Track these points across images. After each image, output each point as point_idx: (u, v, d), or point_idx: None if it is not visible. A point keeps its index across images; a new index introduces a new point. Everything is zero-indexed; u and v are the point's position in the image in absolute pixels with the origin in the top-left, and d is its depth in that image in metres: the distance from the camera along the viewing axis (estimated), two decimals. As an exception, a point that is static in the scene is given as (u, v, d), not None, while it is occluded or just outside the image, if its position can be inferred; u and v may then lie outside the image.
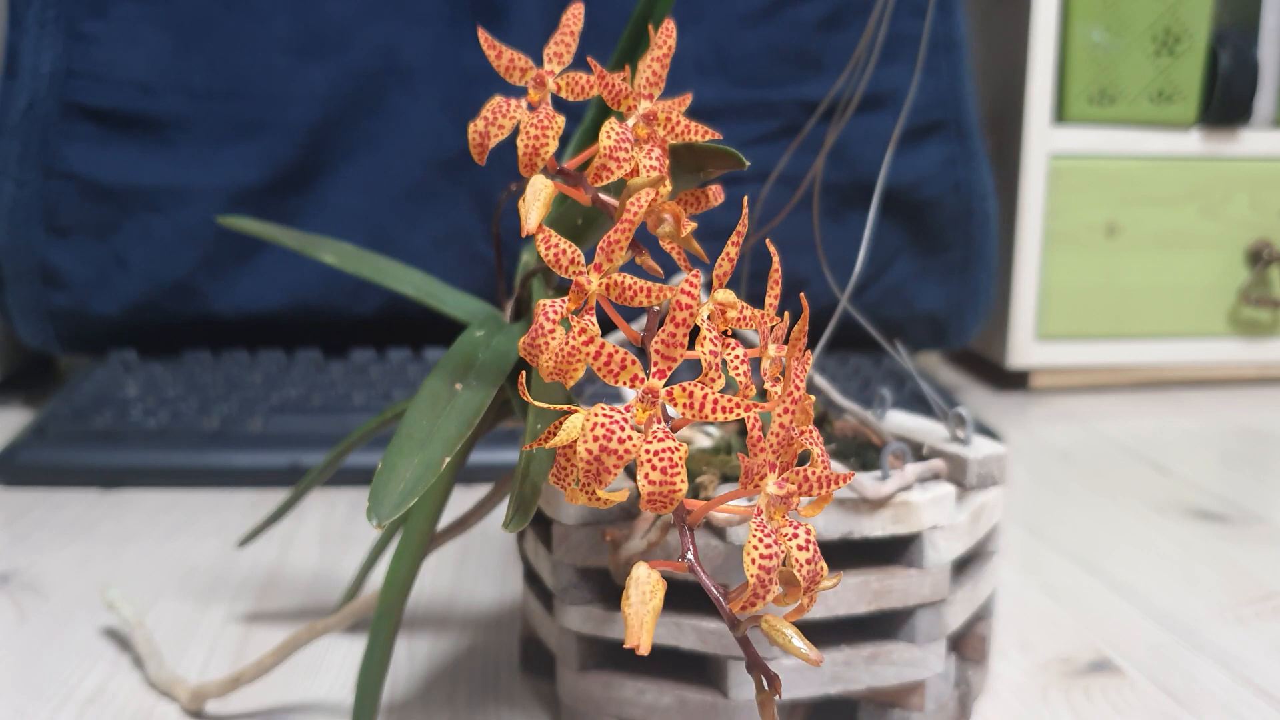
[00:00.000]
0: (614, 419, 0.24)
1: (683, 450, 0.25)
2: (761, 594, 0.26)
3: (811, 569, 0.27)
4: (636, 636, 0.25)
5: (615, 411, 0.25)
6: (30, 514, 0.67)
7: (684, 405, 0.25)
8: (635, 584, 0.26)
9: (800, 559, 0.26)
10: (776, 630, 0.27)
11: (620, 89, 0.32)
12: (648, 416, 0.25)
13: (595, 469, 0.24)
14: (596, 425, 0.24)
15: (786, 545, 0.26)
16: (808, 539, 0.26)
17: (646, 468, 0.25)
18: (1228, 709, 0.44)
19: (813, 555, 0.26)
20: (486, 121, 0.33)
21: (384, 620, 0.37)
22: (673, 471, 0.25)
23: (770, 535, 0.26)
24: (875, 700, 0.40)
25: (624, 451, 0.24)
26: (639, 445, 0.25)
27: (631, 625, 0.25)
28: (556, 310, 0.30)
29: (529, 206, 0.32)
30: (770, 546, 0.26)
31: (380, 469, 0.33)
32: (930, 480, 0.40)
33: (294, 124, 0.88)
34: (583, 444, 0.24)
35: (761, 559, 0.26)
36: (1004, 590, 0.54)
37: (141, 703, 0.44)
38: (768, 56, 0.91)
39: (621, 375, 0.25)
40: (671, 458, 0.25)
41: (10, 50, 0.87)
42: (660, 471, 0.25)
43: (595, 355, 0.25)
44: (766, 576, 0.26)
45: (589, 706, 0.40)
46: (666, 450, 0.25)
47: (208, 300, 0.89)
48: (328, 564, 0.59)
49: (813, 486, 0.26)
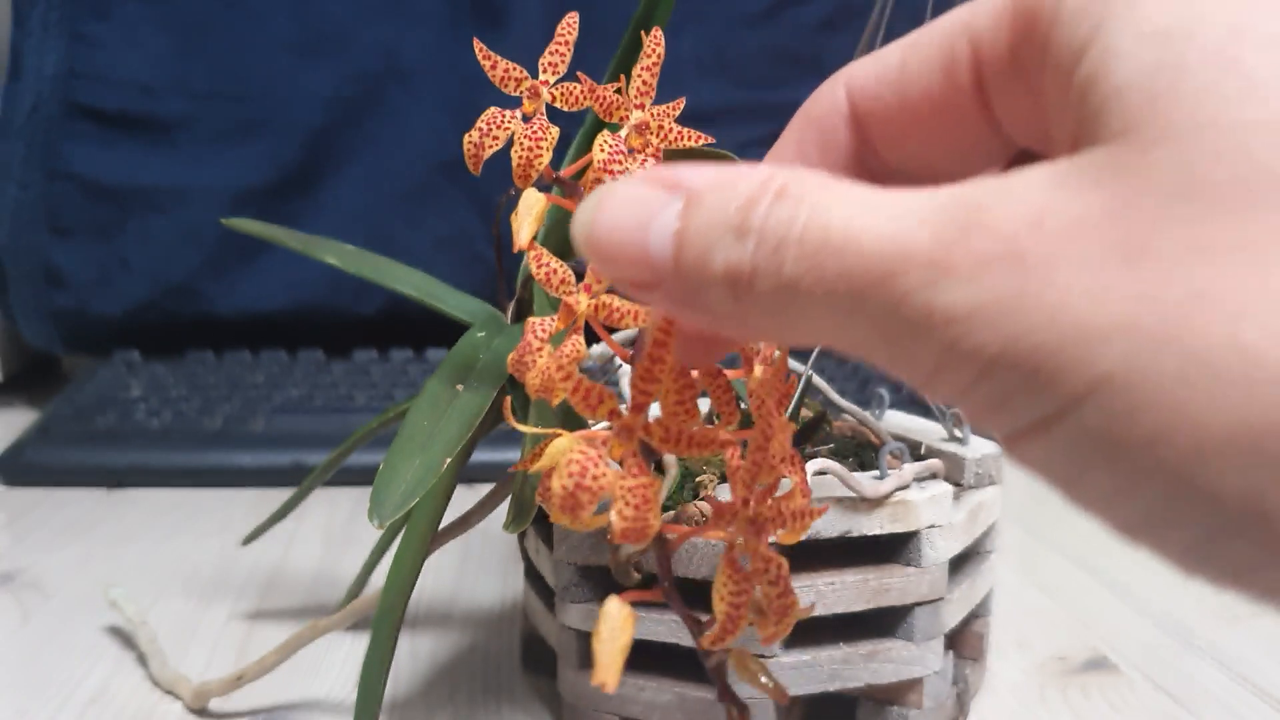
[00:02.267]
0: (588, 456, 0.24)
1: (656, 486, 0.25)
2: (731, 630, 0.26)
3: (782, 603, 0.27)
4: (605, 673, 0.25)
5: (591, 447, 0.25)
6: (33, 513, 0.67)
7: (660, 439, 0.25)
8: (605, 619, 0.25)
9: (771, 594, 0.27)
10: (743, 666, 0.28)
11: (611, 101, 0.33)
12: (623, 451, 0.25)
13: (570, 504, 0.24)
14: (571, 462, 0.24)
15: (759, 580, 0.26)
16: (779, 573, 0.26)
17: (620, 504, 0.25)
18: (1225, 708, 0.44)
19: (784, 589, 0.27)
20: (481, 133, 0.33)
21: (386, 619, 0.37)
22: (645, 509, 0.25)
23: (739, 577, 0.26)
24: (873, 698, 0.40)
25: (597, 489, 0.24)
26: (613, 482, 0.25)
27: (601, 662, 0.25)
28: (545, 329, 0.31)
29: (521, 221, 0.32)
30: (740, 584, 0.26)
31: (382, 470, 0.34)
32: (928, 479, 0.41)
33: (296, 125, 0.89)
34: (558, 480, 0.24)
35: (731, 597, 0.26)
36: (1001, 588, 0.55)
37: (144, 701, 0.44)
38: (768, 58, 0.91)
39: (599, 410, 0.25)
40: (645, 494, 0.25)
41: (14, 52, 0.87)
42: (633, 509, 0.25)
43: (573, 391, 0.25)
44: (736, 614, 0.26)
45: (589, 704, 0.40)
46: (640, 487, 0.25)
47: (210, 301, 0.90)
48: (330, 563, 0.59)
49: (787, 520, 0.26)
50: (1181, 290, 0.15)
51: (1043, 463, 0.18)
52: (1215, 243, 0.16)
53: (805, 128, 0.26)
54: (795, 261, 0.19)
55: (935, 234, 0.17)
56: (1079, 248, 0.16)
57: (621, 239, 0.21)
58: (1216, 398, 0.15)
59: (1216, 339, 0.15)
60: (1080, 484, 0.17)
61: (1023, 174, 0.18)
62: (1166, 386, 0.15)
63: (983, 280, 0.17)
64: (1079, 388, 0.16)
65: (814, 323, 0.19)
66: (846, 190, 0.19)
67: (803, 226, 0.19)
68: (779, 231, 0.19)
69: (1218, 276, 0.15)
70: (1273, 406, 0.15)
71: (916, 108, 0.23)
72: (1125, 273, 0.16)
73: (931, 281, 0.17)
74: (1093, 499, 0.17)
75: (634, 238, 0.21)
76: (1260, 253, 0.15)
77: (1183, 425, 0.15)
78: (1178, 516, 0.16)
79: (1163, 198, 0.16)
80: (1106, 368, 0.16)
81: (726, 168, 0.20)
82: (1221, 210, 0.16)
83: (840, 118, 0.25)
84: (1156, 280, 0.16)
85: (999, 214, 0.17)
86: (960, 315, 0.17)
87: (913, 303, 0.17)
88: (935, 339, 0.17)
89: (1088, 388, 0.16)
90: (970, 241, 0.17)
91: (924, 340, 0.17)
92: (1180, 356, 0.15)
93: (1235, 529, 0.16)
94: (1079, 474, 0.17)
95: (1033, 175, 0.18)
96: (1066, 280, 0.16)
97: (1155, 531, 0.17)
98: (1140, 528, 0.17)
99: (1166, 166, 0.16)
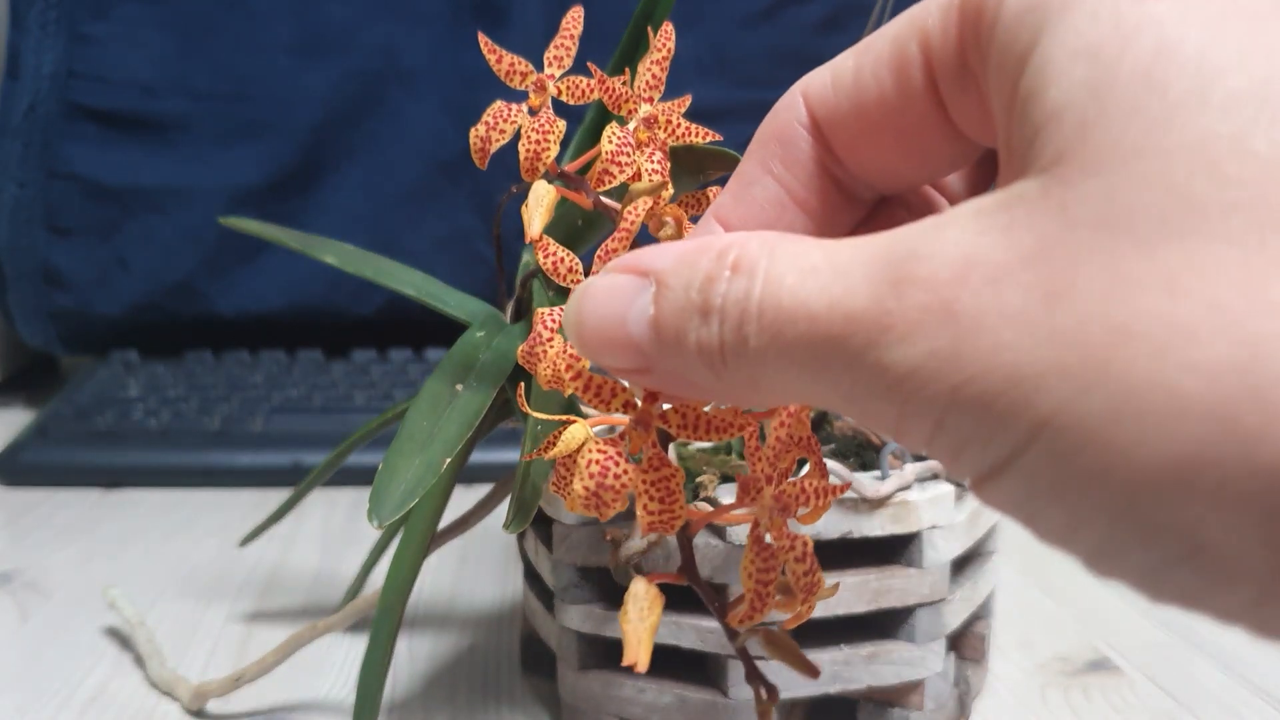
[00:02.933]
0: (608, 455, 0.24)
1: (679, 476, 0.25)
2: (759, 607, 0.26)
3: (808, 580, 0.27)
4: (635, 653, 0.25)
5: (610, 445, 0.25)
6: (32, 513, 0.67)
7: (677, 426, 0.25)
8: (633, 599, 0.26)
9: (798, 570, 0.27)
10: (773, 644, 0.28)
11: (621, 93, 0.32)
12: (642, 444, 0.25)
13: (595, 504, 0.25)
14: (591, 463, 0.24)
15: (784, 557, 0.26)
16: (805, 550, 0.26)
17: (645, 498, 0.25)
18: (1226, 708, 0.44)
19: (810, 567, 0.27)
20: (488, 126, 0.33)
21: (385, 619, 0.37)
22: (670, 500, 0.25)
23: (766, 553, 0.26)
24: (875, 699, 0.40)
25: (620, 487, 0.24)
26: (635, 477, 0.25)
27: (630, 641, 0.25)
28: (554, 319, 0.31)
29: (532, 213, 0.32)
30: (767, 561, 0.26)
31: (381, 470, 0.34)
32: (929, 480, 0.40)
33: (295, 125, 0.89)
34: (579, 483, 0.24)
35: (759, 574, 0.26)
36: (1003, 589, 0.54)
37: (143, 702, 0.44)
38: (768, 58, 0.91)
39: (613, 404, 0.25)
40: (669, 485, 0.25)
41: (12, 51, 0.87)
42: (659, 501, 0.25)
43: (584, 389, 0.25)
44: (764, 590, 0.26)
45: (589, 705, 0.40)
46: (663, 479, 0.25)
47: (209, 301, 0.90)
48: (329, 563, 0.59)
49: (810, 497, 0.26)
50: (1102, 327, 0.16)
51: (1004, 503, 0.18)
52: (1135, 276, 0.16)
53: (768, 142, 0.26)
54: (758, 335, 0.19)
55: (872, 293, 0.18)
56: (1005, 294, 0.17)
57: (606, 333, 0.22)
58: (1147, 435, 0.15)
59: (1140, 376, 0.15)
60: (1038, 521, 0.18)
61: (955, 215, 0.18)
62: (1099, 426, 0.15)
63: (919, 337, 0.17)
64: (1022, 433, 0.16)
65: (788, 388, 0.20)
66: (795, 253, 0.19)
67: (759, 299, 0.19)
68: (739, 307, 0.19)
69: (1138, 311, 0.15)
70: (1200, 441, 0.15)
71: (873, 113, 0.23)
72: (1050, 315, 0.16)
73: (875, 341, 0.18)
74: (1051, 534, 0.18)
75: (617, 330, 0.21)
76: (1179, 284, 0.15)
77: (1118, 463, 0.15)
78: (1125, 549, 0.16)
79: (1087, 233, 0.16)
80: (1045, 411, 0.16)
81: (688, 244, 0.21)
82: (1140, 242, 0.16)
83: (801, 128, 0.25)
84: (1079, 319, 0.16)
85: (929, 266, 0.17)
86: (906, 372, 0.17)
87: (864, 363, 0.18)
88: (891, 396, 0.18)
89: (1030, 432, 0.16)
90: (903, 298, 0.17)
91: (882, 398, 0.18)
92: (1108, 396, 0.15)
93: (1177, 559, 0.16)
94: (1035, 512, 0.18)
95: (963, 217, 0.18)
96: (995, 327, 0.16)
97: (1110, 562, 0.17)
98: (1097, 559, 0.17)
99: (1091, 199, 0.16)
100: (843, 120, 0.24)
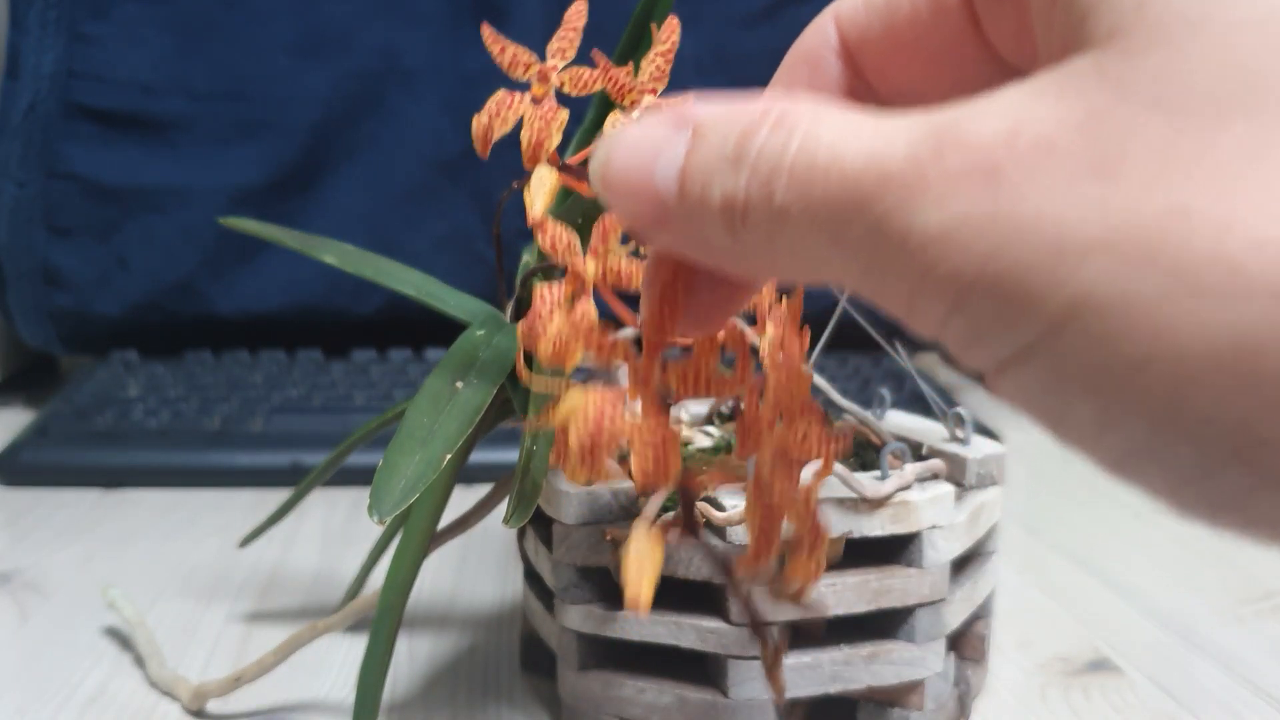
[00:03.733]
0: (605, 402, 0.24)
1: (676, 434, 0.25)
2: (765, 549, 0.25)
3: (813, 531, 0.26)
4: (635, 591, 0.24)
5: (609, 395, 0.25)
6: (31, 513, 0.67)
7: (679, 382, 0.25)
8: (633, 543, 0.25)
9: (803, 519, 0.26)
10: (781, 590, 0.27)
11: (625, 82, 0.33)
12: (640, 396, 0.25)
13: (588, 452, 0.24)
14: (588, 412, 0.24)
15: (788, 508, 0.26)
16: (806, 499, 0.26)
17: (639, 447, 0.25)
18: (1227, 708, 0.44)
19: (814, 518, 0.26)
20: (490, 115, 0.33)
21: (385, 619, 0.37)
22: (665, 449, 0.25)
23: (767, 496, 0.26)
24: (874, 699, 0.40)
25: (615, 432, 0.24)
26: (631, 427, 0.25)
27: (630, 579, 0.24)
28: (554, 293, 0.31)
29: (534, 196, 0.32)
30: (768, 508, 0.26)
31: (381, 466, 0.34)
32: (929, 480, 0.40)
33: (295, 125, 0.89)
34: (574, 432, 0.24)
35: (761, 521, 0.26)
36: (1003, 589, 0.54)
37: (143, 702, 0.44)
38: (768, 57, 0.90)
39: (614, 355, 0.25)
40: (664, 434, 0.25)
41: (12, 51, 0.87)
42: (653, 450, 0.25)
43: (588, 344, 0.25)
44: (769, 533, 0.26)
45: (589, 705, 0.40)
46: (658, 427, 0.25)
47: (209, 300, 0.90)
48: (329, 563, 0.59)
49: (812, 445, 0.26)
50: (1162, 204, 0.15)
51: (1025, 397, 0.17)
52: (1194, 153, 0.15)
53: (796, 66, 0.25)
54: (785, 190, 0.18)
55: (911, 152, 0.17)
56: (1054, 160, 0.15)
57: (631, 179, 0.21)
58: (1203, 316, 0.14)
59: (1201, 254, 0.14)
60: (1063, 418, 0.16)
61: (1005, 89, 0.17)
62: (1148, 307, 0.14)
63: (955, 198, 0.16)
64: (1056, 312, 0.15)
65: (803, 253, 0.19)
66: (838, 115, 0.18)
67: (794, 154, 0.18)
68: (771, 161, 0.19)
69: (1201, 189, 0.14)
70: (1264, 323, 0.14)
71: (905, 35, 0.23)
72: (1103, 186, 0.15)
73: (907, 202, 0.17)
74: (1076, 433, 0.17)
75: (643, 175, 0.21)
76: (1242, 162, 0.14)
77: (1167, 348, 0.14)
78: (1165, 448, 0.15)
79: (1144, 106, 0.15)
80: (1084, 289, 0.15)
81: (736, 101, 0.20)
82: (1204, 119, 0.15)
83: (830, 52, 0.24)
84: (1135, 194, 0.15)
85: (974, 129, 0.16)
86: (933, 237, 0.16)
87: (890, 226, 0.17)
88: (911, 265, 0.17)
89: (1065, 312, 0.15)
90: (944, 158, 0.16)
91: (900, 267, 0.17)
92: (1162, 273, 0.14)
93: (1224, 458, 0.15)
94: (1061, 407, 0.16)
95: (1013, 89, 0.17)
96: (1040, 195, 0.15)
97: (1142, 466, 0.16)
98: (1126, 462, 0.16)
99: (1149, 72, 0.15)
100: (874, 41, 0.24)
